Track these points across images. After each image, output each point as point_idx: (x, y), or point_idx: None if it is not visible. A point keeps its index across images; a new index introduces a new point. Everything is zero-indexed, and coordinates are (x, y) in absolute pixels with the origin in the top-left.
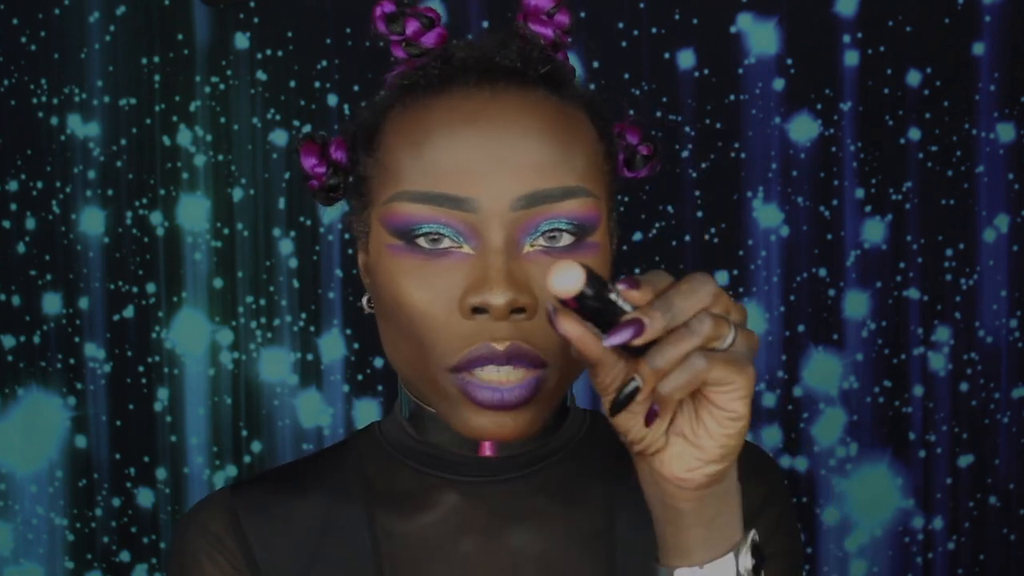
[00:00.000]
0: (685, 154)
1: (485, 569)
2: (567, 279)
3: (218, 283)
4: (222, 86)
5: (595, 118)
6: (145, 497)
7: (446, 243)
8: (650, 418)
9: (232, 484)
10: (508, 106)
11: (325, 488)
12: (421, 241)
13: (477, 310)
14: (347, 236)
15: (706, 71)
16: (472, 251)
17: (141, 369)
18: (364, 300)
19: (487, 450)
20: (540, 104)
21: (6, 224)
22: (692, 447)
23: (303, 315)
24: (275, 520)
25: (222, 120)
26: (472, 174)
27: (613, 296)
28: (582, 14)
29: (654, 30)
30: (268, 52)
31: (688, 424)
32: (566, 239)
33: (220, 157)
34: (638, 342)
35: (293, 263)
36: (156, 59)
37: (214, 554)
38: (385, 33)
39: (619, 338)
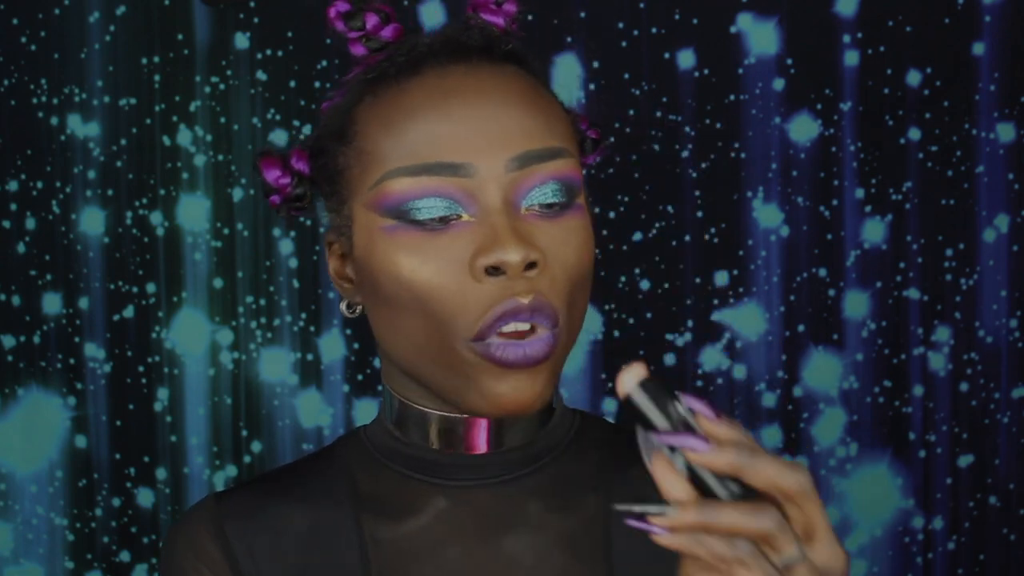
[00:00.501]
0: (685, 154)
1: (476, 575)
2: (630, 377)
3: (218, 283)
4: (222, 86)
5: (554, 97)
6: (145, 497)
7: (444, 214)
8: (640, 525)
9: (217, 492)
10: (485, 78)
11: (312, 495)
12: (418, 216)
13: (491, 271)
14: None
15: (706, 71)
16: (472, 217)
17: (141, 369)
18: (343, 305)
19: (482, 444)
20: (514, 76)
21: (6, 224)
22: None
23: (303, 315)
24: (261, 528)
25: (222, 120)
26: (464, 140)
27: (681, 410)
28: (582, 14)
29: (654, 30)
30: (268, 52)
31: None
32: (560, 196)
33: (220, 157)
34: (692, 456)
35: (293, 263)
36: (156, 59)
37: (200, 567)
38: (344, 31)
39: (674, 439)
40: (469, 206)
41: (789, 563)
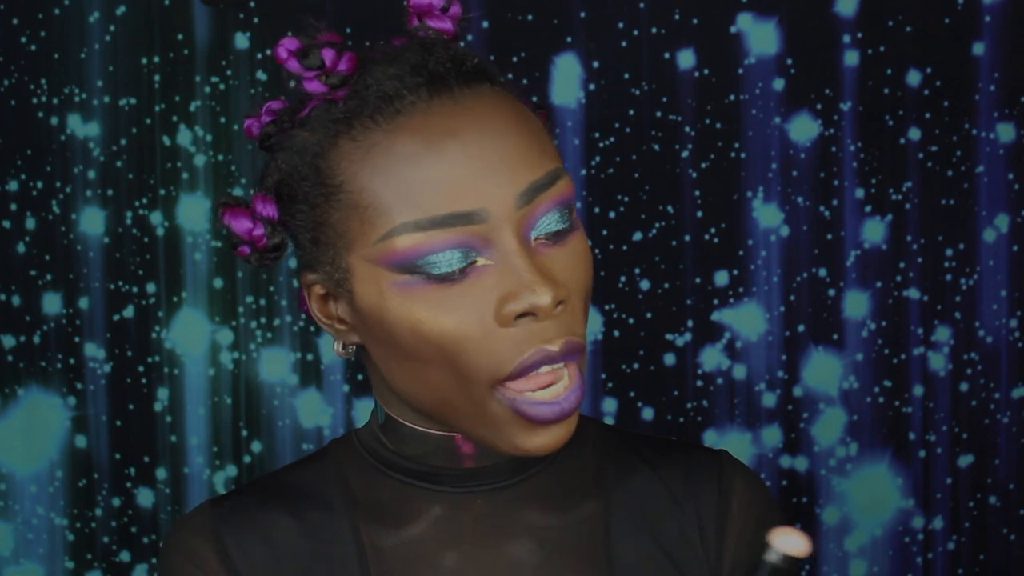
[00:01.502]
0: (685, 154)
1: None
2: (797, 543)
3: (218, 283)
4: (222, 86)
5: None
6: (145, 497)
7: (462, 265)
8: None
9: (213, 499)
10: (473, 109)
11: (308, 500)
12: (435, 271)
13: (523, 315)
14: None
15: (706, 71)
16: (489, 260)
17: (141, 369)
18: (337, 346)
19: (473, 459)
20: (493, 98)
21: (6, 224)
22: None
23: (303, 315)
24: (259, 535)
25: (222, 120)
26: (471, 186)
27: None
28: (582, 14)
29: (654, 30)
30: (268, 52)
31: None
32: (565, 221)
33: (220, 157)
34: None
35: (293, 263)
36: (156, 59)
37: (199, 575)
38: (298, 70)
39: None
40: (485, 250)
41: None
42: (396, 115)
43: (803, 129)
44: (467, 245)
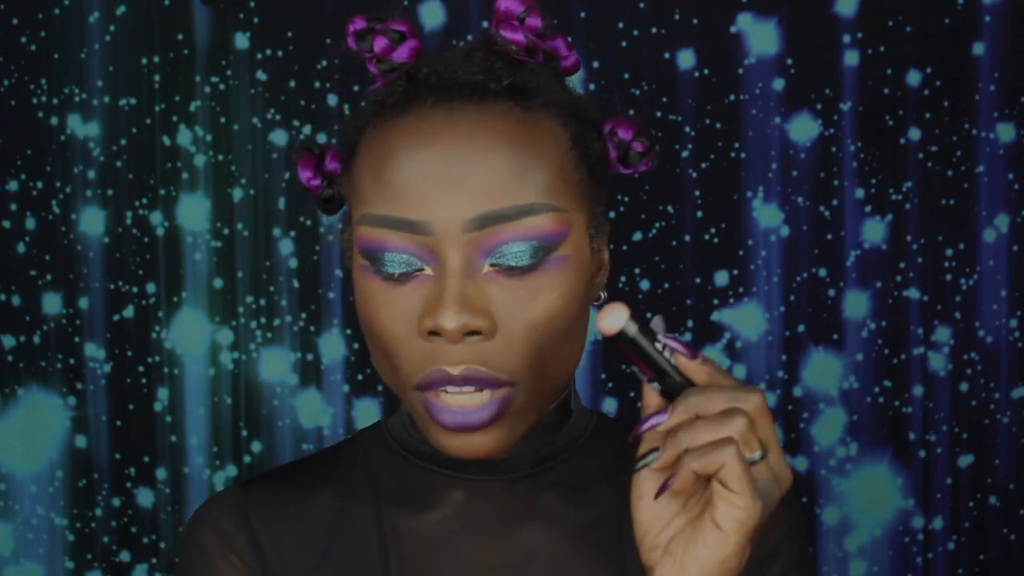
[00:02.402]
0: (685, 154)
1: (493, 568)
2: (610, 319)
3: (218, 283)
4: (222, 86)
5: (569, 122)
6: (145, 497)
7: (405, 270)
8: (660, 490)
9: (242, 482)
10: (463, 125)
11: (334, 486)
12: (383, 268)
13: (433, 333)
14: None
15: (706, 71)
16: (432, 272)
17: (141, 369)
18: None
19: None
20: (499, 119)
21: (6, 224)
22: (674, 562)
23: (303, 315)
24: (285, 518)
25: (222, 120)
26: (425, 197)
27: (660, 348)
28: (582, 14)
29: (654, 30)
30: (268, 52)
31: (683, 538)
32: (526, 258)
33: (220, 157)
34: (661, 428)
35: (293, 263)
36: (156, 59)
37: (227, 553)
38: (357, 51)
39: (646, 425)
40: (430, 261)
41: (754, 460)
42: (402, 114)
43: (803, 129)
44: (412, 253)
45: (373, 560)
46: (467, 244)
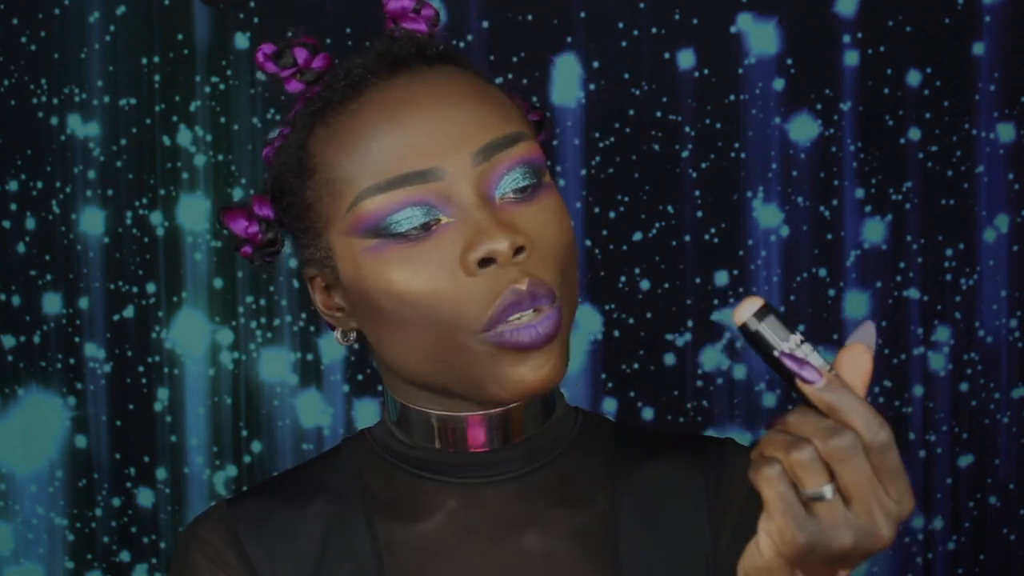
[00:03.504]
0: (685, 154)
1: (490, 573)
2: (740, 309)
3: (218, 283)
4: (222, 86)
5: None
6: (145, 497)
7: (424, 220)
8: (793, 366)
9: (227, 499)
10: (427, 82)
11: (323, 497)
12: (398, 229)
13: (483, 263)
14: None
15: (706, 71)
16: (451, 218)
17: (141, 369)
18: (337, 334)
19: (482, 440)
20: (454, 75)
21: (6, 224)
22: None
23: (303, 315)
24: (275, 533)
25: (222, 120)
26: (426, 146)
27: (795, 343)
28: (582, 14)
29: (654, 30)
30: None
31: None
32: (528, 179)
33: (220, 157)
34: (806, 389)
35: (293, 263)
36: (156, 59)
37: (217, 572)
38: (276, 72)
39: (793, 364)
40: (446, 208)
41: (813, 496)
42: (359, 96)
43: (803, 129)
44: (427, 203)
45: (368, 571)
46: (478, 178)
